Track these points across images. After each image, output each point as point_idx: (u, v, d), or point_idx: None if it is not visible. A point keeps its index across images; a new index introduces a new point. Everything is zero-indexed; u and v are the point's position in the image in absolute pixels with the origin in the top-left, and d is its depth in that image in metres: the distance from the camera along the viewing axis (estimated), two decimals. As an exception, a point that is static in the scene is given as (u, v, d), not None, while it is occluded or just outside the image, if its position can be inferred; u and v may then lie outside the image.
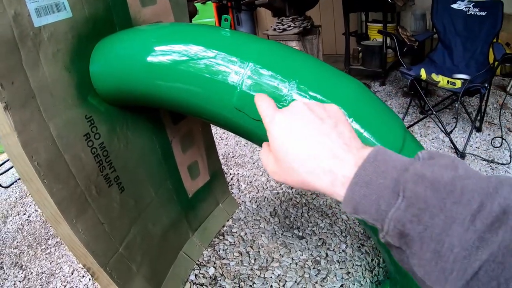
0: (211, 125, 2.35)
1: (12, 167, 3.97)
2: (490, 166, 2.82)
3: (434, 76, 3.21)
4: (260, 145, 1.28)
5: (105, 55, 1.33)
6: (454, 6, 3.69)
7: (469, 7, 3.63)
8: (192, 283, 2.12)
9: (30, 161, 1.16)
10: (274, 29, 4.43)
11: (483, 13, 3.54)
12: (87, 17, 1.30)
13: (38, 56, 1.15)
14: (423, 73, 3.18)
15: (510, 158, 2.89)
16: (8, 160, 4.11)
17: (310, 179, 0.52)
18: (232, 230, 2.50)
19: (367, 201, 0.46)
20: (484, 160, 2.89)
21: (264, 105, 0.62)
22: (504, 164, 2.83)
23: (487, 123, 3.48)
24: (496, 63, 3.03)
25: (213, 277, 2.15)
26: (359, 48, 5.06)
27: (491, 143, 3.13)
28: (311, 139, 0.53)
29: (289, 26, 4.28)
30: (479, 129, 3.36)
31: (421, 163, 0.46)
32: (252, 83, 1.08)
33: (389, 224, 0.45)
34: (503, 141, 3.12)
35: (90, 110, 1.37)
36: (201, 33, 1.24)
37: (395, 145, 1.12)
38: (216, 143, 2.40)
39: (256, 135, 1.17)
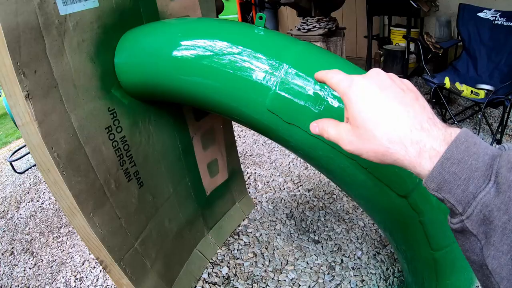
0: (232, 123, 2.33)
1: (27, 153, 3.99)
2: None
3: (458, 85, 3.16)
4: (288, 148, 1.25)
5: (131, 47, 1.31)
6: (481, 14, 3.64)
7: (496, 17, 3.56)
8: (204, 281, 2.10)
9: (50, 152, 1.14)
10: (299, 29, 4.39)
11: (510, 24, 3.48)
12: (114, 8, 1.28)
13: (62, 45, 1.13)
14: (447, 82, 3.13)
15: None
16: (23, 146, 4.14)
17: (393, 149, 0.50)
18: (248, 230, 2.48)
19: (455, 180, 0.46)
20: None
21: (335, 75, 0.60)
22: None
23: (508, 135, 3.42)
24: (521, 75, 2.98)
25: (226, 277, 2.13)
26: (381, 52, 5.01)
27: None
28: (396, 108, 0.51)
29: (314, 27, 4.25)
30: (499, 142, 3.29)
31: None
32: (286, 86, 1.05)
33: (475, 208, 0.44)
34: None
35: (113, 102, 1.35)
36: (235, 30, 1.21)
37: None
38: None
39: (287, 138, 1.15)
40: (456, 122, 3.07)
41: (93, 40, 1.23)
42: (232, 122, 2.41)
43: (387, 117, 0.51)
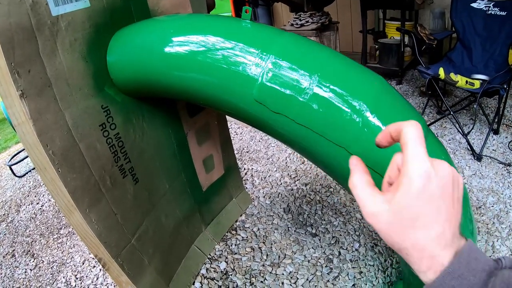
0: (227, 119, 2.34)
1: (26, 157, 4.00)
2: (506, 169, 2.77)
3: (452, 75, 3.17)
4: (278, 139, 1.27)
5: (123, 45, 1.33)
6: (474, 5, 3.63)
7: (489, 7, 3.56)
8: (203, 277, 2.12)
9: (45, 150, 1.16)
10: (292, 24, 4.40)
11: (503, 13, 3.47)
12: (105, 7, 1.30)
13: (55, 45, 1.15)
14: (441, 73, 3.14)
15: (528, 161, 2.85)
16: (22, 150, 4.15)
17: (411, 253, 0.51)
18: (245, 225, 2.49)
19: None
20: (501, 163, 2.85)
21: (419, 143, 0.52)
22: (522, 168, 2.79)
23: (505, 125, 3.42)
24: (516, 64, 2.98)
25: (225, 272, 2.14)
26: (376, 46, 5.01)
27: (509, 146, 3.08)
28: (438, 220, 0.50)
29: (307, 22, 4.25)
30: (496, 132, 3.30)
31: (508, 272, 0.47)
32: (273, 76, 1.07)
33: None
34: (521, 144, 3.08)
35: (107, 100, 1.36)
36: (222, 24, 1.22)
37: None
38: (231, 138, 2.38)
39: (275, 127, 1.16)
40: (452, 113, 3.07)
41: (85, 39, 1.25)
42: (227, 118, 2.42)
43: (426, 226, 0.50)
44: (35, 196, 3.42)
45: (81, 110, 1.26)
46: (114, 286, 2.17)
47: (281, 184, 2.92)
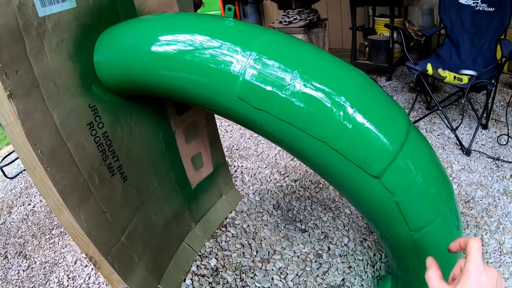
0: (216, 117, 2.34)
1: (17, 158, 3.98)
2: (495, 163, 2.80)
3: (440, 71, 3.19)
4: (262, 135, 1.28)
5: (110, 44, 1.34)
6: (462, 1, 3.64)
7: (477, 3, 3.57)
8: (193, 274, 2.13)
9: (34, 149, 1.17)
10: (280, 22, 4.41)
11: (491, 9, 3.49)
12: (92, 7, 1.31)
13: (42, 46, 1.16)
14: (429, 68, 3.15)
15: (516, 155, 2.88)
16: (13, 151, 4.13)
17: None
18: (235, 222, 2.51)
19: None
20: (490, 157, 2.87)
21: (479, 251, 0.71)
22: (510, 162, 2.81)
23: (494, 120, 3.45)
24: (504, 59, 3.00)
25: (215, 269, 2.16)
26: (366, 43, 5.02)
27: (497, 140, 3.11)
28: None
29: (295, 19, 4.27)
30: (485, 126, 3.33)
31: None
32: (254, 73, 1.09)
33: None
34: (509, 139, 3.10)
35: (94, 99, 1.37)
36: (204, 22, 1.24)
37: (398, 137, 1.11)
38: (221, 136, 2.39)
39: (258, 124, 1.18)
40: (441, 109, 3.10)
41: (72, 39, 1.26)
42: (217, 116, 2.43)
43: None
44: (27, 197, 3.41)
45: (68, 109, 1.27)
46: (106, 285, 2.18)
47: (271, 180, 2.93)
